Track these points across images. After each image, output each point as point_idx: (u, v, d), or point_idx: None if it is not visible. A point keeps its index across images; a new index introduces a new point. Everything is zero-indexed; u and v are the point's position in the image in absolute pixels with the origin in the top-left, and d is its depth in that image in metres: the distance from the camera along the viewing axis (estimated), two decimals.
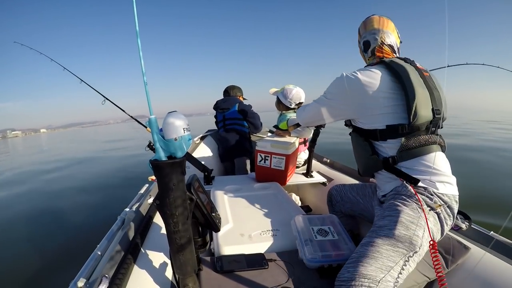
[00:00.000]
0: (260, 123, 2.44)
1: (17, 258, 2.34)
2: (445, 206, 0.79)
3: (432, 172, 0.81)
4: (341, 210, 1.18)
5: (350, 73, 0.89)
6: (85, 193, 4.37)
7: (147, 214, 1.13)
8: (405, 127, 0.82)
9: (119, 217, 1.06)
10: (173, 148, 0.48)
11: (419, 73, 0.85)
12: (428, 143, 0.83)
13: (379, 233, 0.75)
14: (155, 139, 0.48)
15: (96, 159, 8.59)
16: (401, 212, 0.76)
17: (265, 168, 1.56)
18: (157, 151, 0.49)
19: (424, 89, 0.83)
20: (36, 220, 3.35)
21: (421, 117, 0.81)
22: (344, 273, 0.68)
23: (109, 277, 0.70)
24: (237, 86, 2.59)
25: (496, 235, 0.88)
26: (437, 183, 0.80)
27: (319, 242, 0.85)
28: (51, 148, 16.87)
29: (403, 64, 0.86)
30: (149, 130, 0.48)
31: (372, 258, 0.68)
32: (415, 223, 0.74)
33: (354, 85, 0.86)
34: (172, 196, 0.51)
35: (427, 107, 0.82)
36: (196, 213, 0.64)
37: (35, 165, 8.74)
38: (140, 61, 0.44)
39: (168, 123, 0.48)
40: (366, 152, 0.91)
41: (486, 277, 0.77)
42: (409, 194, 0.80)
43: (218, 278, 0.74)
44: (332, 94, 0.95)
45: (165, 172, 0.49)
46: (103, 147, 12.28)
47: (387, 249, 0.70)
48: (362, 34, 0.99)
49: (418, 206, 0.77)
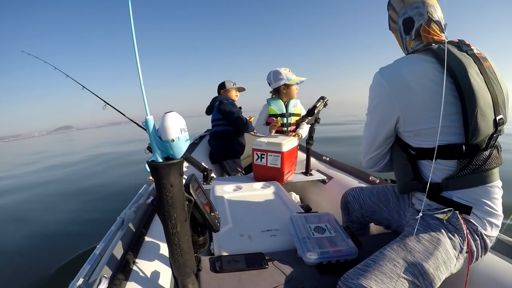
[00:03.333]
0: (242, 122, 2.20)
1: (17, 259, 2.34)
2: (482, 248, 0.70)
3: (485, 210, 0.68)
4: (359, 220, 1.04)
5: (387, 69, 0.72)
6: (85, 193, 4.37)
7: (147, 215, 1.13)
8: (461, 149, 0.65)
9: (119, 218, 1.06)
10: (170, 149, 0.48)
11: (478, 67, 0.66)
12: (485, 167, 0.67)
13: (407, 255, 0.65)
14: (152, 140, 0.48)
15: (96, 160, 8.59)
16: (441, 247, 0.66)
17: (262, 166, 1.58)
18: (154, 152, 0.49)
19: (487, 93, 0.64)
20: (36, 220, 3.35)
21: (482, 134, 0.64)
22: (353, 278, 0.63)
23: (108, 277, 0.70)
24: (223, 82, 2.42)
25: (499, 234, 0.86)
26: (487, 223, 0.68)
27: (317, 240, 0.85)
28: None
29: (459, 55, 0.65)
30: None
31: (387, 277, 0.62)
32: (447, 264, 0.66)
33: (395, 81, 0.69)
34: (170, 198, 0.51)
35: (489, 119, 0.64)
36: (195, 213, 0.63)
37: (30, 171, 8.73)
38: (135, 60, 0.43)
39: (165, 124, 0.48)
40: (406, 176, 0.75)
41: (487, 278, 0.76)
42: (457, 226, 0.67)
43: (218, 279, 0.74)
44: (374, 104, 0.76)
45: (162, 173, 0.49)
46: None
47: (407, 275, 0.63)
48: (400, 10, 0.77)
49: (460, 243, 0.67)
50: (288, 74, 1.87)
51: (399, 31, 0.80)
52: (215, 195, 1.29)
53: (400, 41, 0.82)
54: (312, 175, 1.76)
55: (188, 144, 0.51)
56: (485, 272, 0.77)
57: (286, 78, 1.86)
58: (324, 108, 1.66)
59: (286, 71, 1.87)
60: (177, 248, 0.56)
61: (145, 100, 0.45)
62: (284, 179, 1.57)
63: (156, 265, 0.83)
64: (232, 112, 2.20)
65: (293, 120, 1.95)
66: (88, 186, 4.86)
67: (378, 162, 0.86)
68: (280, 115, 1.92)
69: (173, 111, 0.50)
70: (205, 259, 0.81)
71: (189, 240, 0.58)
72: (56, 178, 6.11)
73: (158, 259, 0.86)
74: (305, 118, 1.64)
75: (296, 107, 1.96)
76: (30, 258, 2.34)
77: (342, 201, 1.09)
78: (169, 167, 0.49)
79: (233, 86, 2.42)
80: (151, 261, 0.84)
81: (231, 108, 2.21)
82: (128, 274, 0.75)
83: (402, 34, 0.79)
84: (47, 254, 2.36)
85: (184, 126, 0.50)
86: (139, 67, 0.44)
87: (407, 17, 0.76)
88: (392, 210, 0.94)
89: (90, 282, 0.70)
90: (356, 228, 1.08)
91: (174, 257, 0.57)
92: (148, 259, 0.84)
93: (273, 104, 1.92)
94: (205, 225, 0.67)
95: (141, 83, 0.45)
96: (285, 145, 1.51)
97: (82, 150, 12.45)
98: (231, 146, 2.29)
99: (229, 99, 2.32)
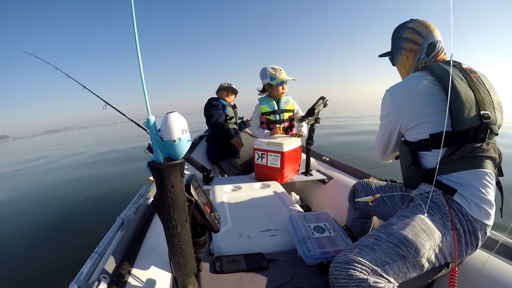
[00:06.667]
0: (220, 128, 2.15)
1: (17, 259, 2.34)
2: (470, 233, 0.74)
3: (472, 192, 0.74)
4: (362, 209, 1.13)
5: (394, 88, 0.88)
6: (85, 193, 4.36)
7: (146, 215, 1.13)
8: (449, 135, 0.75)
9: (119, 218, 1.06)
10: (171, 150, 0.48)
11: (463, 75, 0.80)
12: (473, 154, 0.75)
13: (386, 229, 0.73)
14: (153, 141, 0.47)
15: (95, 160, 8.57)
16: (417, 217, 0.73)
17: (262, 166, 1.59)
18: (155, 153, 0.48)
19: (470, 92, 0.76)
20: (36, 220, 3.35)
21: (465, 122, 0.74)
22: (341, 255, 0.70)
23: (108, 277, 0.70)
24: (220, 85, 2.42)
25: (501, 236, 0.85)
26: (473, 205, 0.74)
27: (317, 239, 0.85)
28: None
29: (447, 67, 0.80)
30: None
31: (370, 249, 0.69)
32: (428, 233, 0.71)
33: (397, 95, 0.85)
34: (170, 199, 0.50)
35: (471, 111, 0.74)
36: (195, 213, 0.63)
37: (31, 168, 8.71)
38: (138, 60, 0.43)
39: (166, 124, 0.47)
40: (406, 162, 0.87)
41: (489, 279, 0.76)
42: (439, 203, 0.75)
43: (218, 279, 0.74)
44: (385, 115, 0.92)
45: (163, 174, 0.49)
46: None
47: (388, 246, 0.69)
48: (426, 36, 0.91)
49: (441, 219, 0.73)
50: (273, 73, 1.84)
51: (420, 52, 0.92)
52: (215, 195, 1.29)
53: (413, 60, 0.94)
54: (312, 175, 1.76)
55: (189, 144, 0.51)
56: (486, 274, 0.77)
57: (270, 78, 1.84)
58: (324, 108, 1.67)
59: (273, 70, 1.84)
60: (177, 249, 0.55)
61: (146, 100, 0.44)
62: (284, 179, 1.58)
63: (156, 265, 0.83)
64: (210, 116, 2.17)
65: (286, 116, 1.94)
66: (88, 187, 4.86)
67: (393, 156, 1.04)
68: (271, 112, 1.91)
69: (175, 111, 0.50)
70: (205, 260, 0.81)
71: (189, 241, 0.58)
72: (56, 178, 6.10)
73: (158, 259, 0.86)
74: (305, 118, 1.64)
75: (288, 103, 1.94)
76: (30, 258, 2.33)
77: (351, 189, 1.17)
78: (171, 168, 0.49)
79: (223, 86, 2.39)
80: (150, 262, 0.84)
81: (210, 112, 2.17)
82: (127, 275, 0.75)
83: (422, 55, 0.92)
84: (47, 254, 2.36)
85: (186, 126, 0.50)
86: (140, 66, 0.44)
87: (432, 43, 0.90)
88: (395, 204, 1.01)
89: (90, 282, 0.70)
90: (358, 215, 1.15)
91: (174, 258, 0.57)
92: (148, 260, 0.84)
93: (264, 102, 1.91)
94: (205, 226, 0.67)
95: (143, 82, 0.44)
96: (286, 145, 1.51)
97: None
98: (226, 147, 2.27)
99: (219, 100, 2.29)
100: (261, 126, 1.94)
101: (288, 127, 1.95)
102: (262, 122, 1.94)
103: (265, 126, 1.93)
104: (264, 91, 1.95)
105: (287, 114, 1.94)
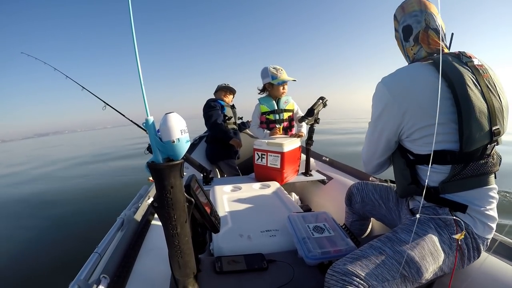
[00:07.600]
0: (218, 130, 2.16)
1: (18, 259, 2.34)
2: (474, 248, 0.72)
3: (478, 210, 0.71)
4: (359, 212, 1.10)
5: (388, 78, 0.74)
6: (85, 193, 4.36)
7: (146, 215, 1.13)
8: (455, 155, 0.68)
9: (119, 218, 1.06)
10: (170, 150, 0.48)
11: (475, 78, 0.69)
12: (480, 171, 0.70)
13: (394, 244, 0.68)
14: (152, 141, 0.48)
15: (94, 161, 8.58)
16: (429, 238, 0.69)
17: (262, 166, 1.59)
18: (155, 153, 0.48)
19: (483, 104, 0.67)
20: (36, 220, 3.35)
21: (476, 143, 0.67)
22: (340, 264, 0.66)
23: (108, 277, 0.70)
24: (218, 85, 2.42)
25: (500, 236, 0.85)
26: (479, 223, 0.71)
27: (317, 239, 0.85)
28: None
29: (458, 66, 0.69)
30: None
31: (373, 263, 0.65)
32: (435, 256, 0.68)
33: (397, 88, 0.71)
34: (170, 199, 0.50)
35: (484, 129, 0.67)
36: (195, 214, 0.63)
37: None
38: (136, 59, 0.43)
39: (165, 125, 0.47)
40: (405, 180, 0.79)
41: (487, 279, 0.76)
42: (447, 222, 0.71)
43: (218, 280, 0.73)
44: (378, 113, 0.78)
45: (162, 175, 0.49)
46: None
47: (393, 263, 0.66)
48: (401, 18, 0.82)
49: (449, 239, 0.70)
50: (274, 73, 1.84)
51: (400, 39, 0.84)
52: (215, 195, 1.28)
53: (401, 48, 0.86)
54: (312, 176, 1.76)
55: (188, 145, 0.51)
56: (485, 273, 0.77)
57: (271, 77, 1.84)
58: (323, 108, 1.66)
59: (274, 69, 1.85)
60: (177, 250, 0.55)
61: (145, 100, 0.45)
62: (284, 179, 1.57)
63: (155, 266, 0.83)
64: (208, 117, 2.17)
65: (285, 116, 1.94)
66: (88, 186, 4.86)
67: (381, 168, 0.91)
68: (271, 112, 1.91)
69: (173, 112, 0.50)
70: (205, 260, 0.81)
71: (189, 242, 0.57)
72: (56, 179, 6.10)
73: (158, 260, 0.86)
74: (304, 118, 1.64)
75: (287, 103, 1.94)
76: (31, 258, 2.33)
77: (347, 192, 1.14)
78: (170, 169, 0.49)
79: (221, 86, 2.40)
80: (150, 262, 0.84)
81: (208, 113, 2.17)
82: (127, 275, 0.75)
83: (402, 41, 0.84)
84: (48, 254, 2.36)
85: (185, 127, 0.50)
86: (139, 66, 0.43)
87: (407, 25, 0.80)
88: (390, 209, 0.97)
89: (90, 282, 0.70)
90: (356, 218, 1.13)
91: (174, 259, 0.57)
92: (147, 260, 0.84)
93: (264, 102, 1.91)
94: (205, 226, 0.67)
95: (141, 82, 0.44)
96: (286, 146, 1.51)
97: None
98: (225, 148, 2.27)
99: (217, 100, 2.30)
100: (261, 125, 1.95)
101: (287, 127, 1.95)
102: (262, 121, 1.94)
103: (265, 126, 1.93)
104: (264, 90, 1.95)
105: (287, 114, 1.94)
